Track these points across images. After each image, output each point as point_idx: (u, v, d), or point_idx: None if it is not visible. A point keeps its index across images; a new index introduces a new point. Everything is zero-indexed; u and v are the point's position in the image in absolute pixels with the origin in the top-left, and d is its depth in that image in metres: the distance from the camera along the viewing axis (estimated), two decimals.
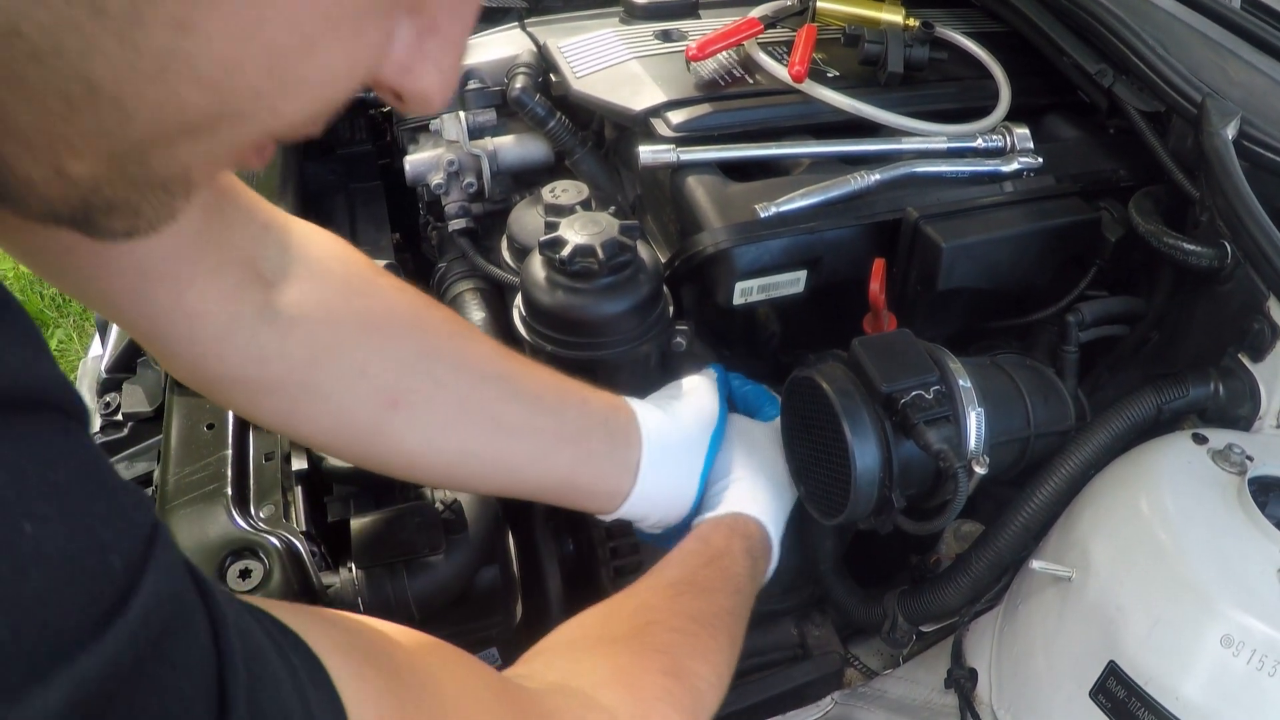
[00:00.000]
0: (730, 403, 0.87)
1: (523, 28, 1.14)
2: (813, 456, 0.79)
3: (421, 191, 1.08)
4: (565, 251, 0.82)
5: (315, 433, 0.70)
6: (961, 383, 0.77)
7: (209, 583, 0.32)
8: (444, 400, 0.70)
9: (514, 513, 0.92)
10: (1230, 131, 0.87)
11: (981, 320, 0.94)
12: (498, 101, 1.09)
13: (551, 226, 0.85)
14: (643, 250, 0.86)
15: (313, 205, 1.11)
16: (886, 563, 1.01)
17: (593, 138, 1.07)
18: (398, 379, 0.68)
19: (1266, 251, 0.79)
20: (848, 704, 0.91)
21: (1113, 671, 0.68)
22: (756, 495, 0.80)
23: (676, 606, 0.70)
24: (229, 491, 0.81)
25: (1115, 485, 0.76)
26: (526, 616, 0.90)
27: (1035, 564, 0.74)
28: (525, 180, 1.08)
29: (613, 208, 0.88)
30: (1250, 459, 0.74)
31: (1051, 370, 0.86)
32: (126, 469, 1.00)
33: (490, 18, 1.16)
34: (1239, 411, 0.81)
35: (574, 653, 0.64)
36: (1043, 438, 0.82)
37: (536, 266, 0.86)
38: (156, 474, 0.87)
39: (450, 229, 1.05)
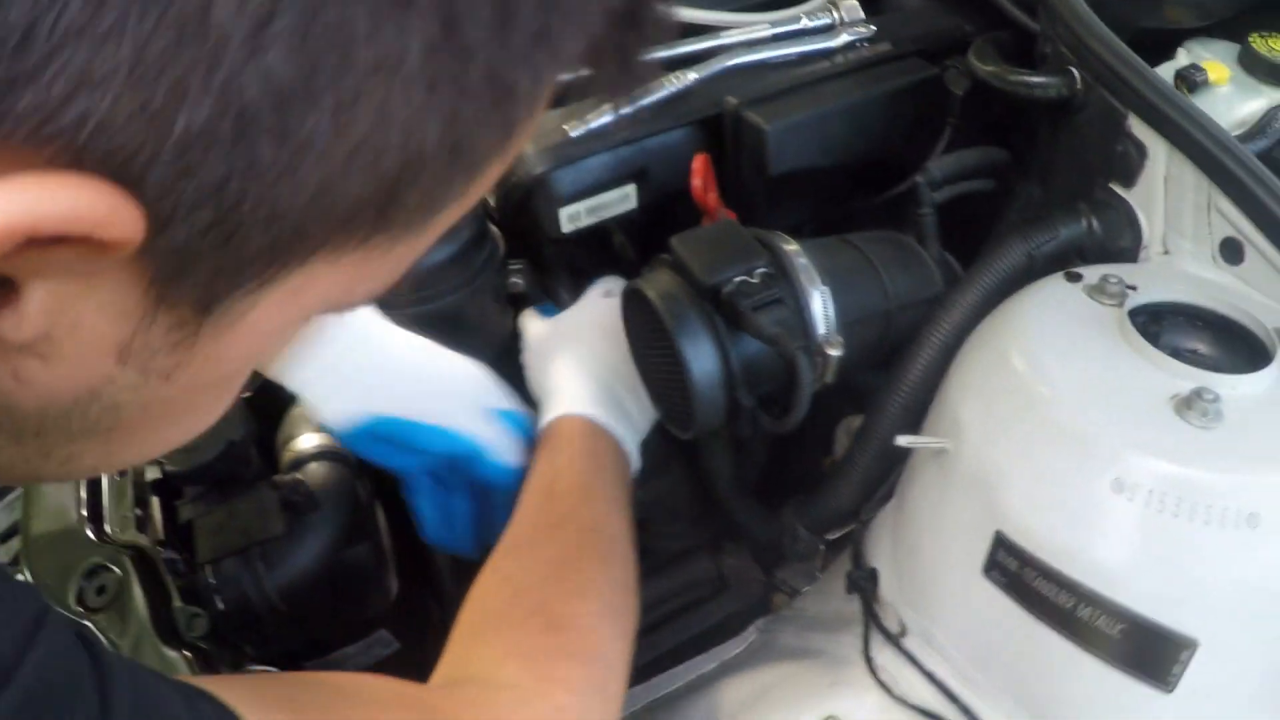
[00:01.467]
0: None
1: None
2: (660, 372, 0.66)
3: None
4: None
5: None
6: (799, 261, 0.63)
7: (99, 647, 0.31)
8: None
9: (387, 487, 0.79)
10: None
11: (836, 204, 0.80)
12: None
13: None
14: None
15: None
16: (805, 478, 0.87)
17: None
18: None
19: (1114, 67, 0.65)
20: (770, 630, 0.77)
21: (1000, 542, 0.54)
22: (564, 389, 0.67)
23: (530, 562, 0.60)
24: (83, 513, 0.73)
25: (982, 341, 0.62)
26: (418, 588, 0.78)
27: (901, 440, 0.59)
28: None
29: None
30: (1133, 289, 0.60)
31: (912, 239, 0.71)
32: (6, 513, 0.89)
33: None
34: (1120, 244, 0.67)
35: (467, 641, 0.56)
36: (907, 309, 0.68)
37: None
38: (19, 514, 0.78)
39: None
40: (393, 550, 0.77)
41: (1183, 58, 0.74)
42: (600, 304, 0.72)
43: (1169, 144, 0.62)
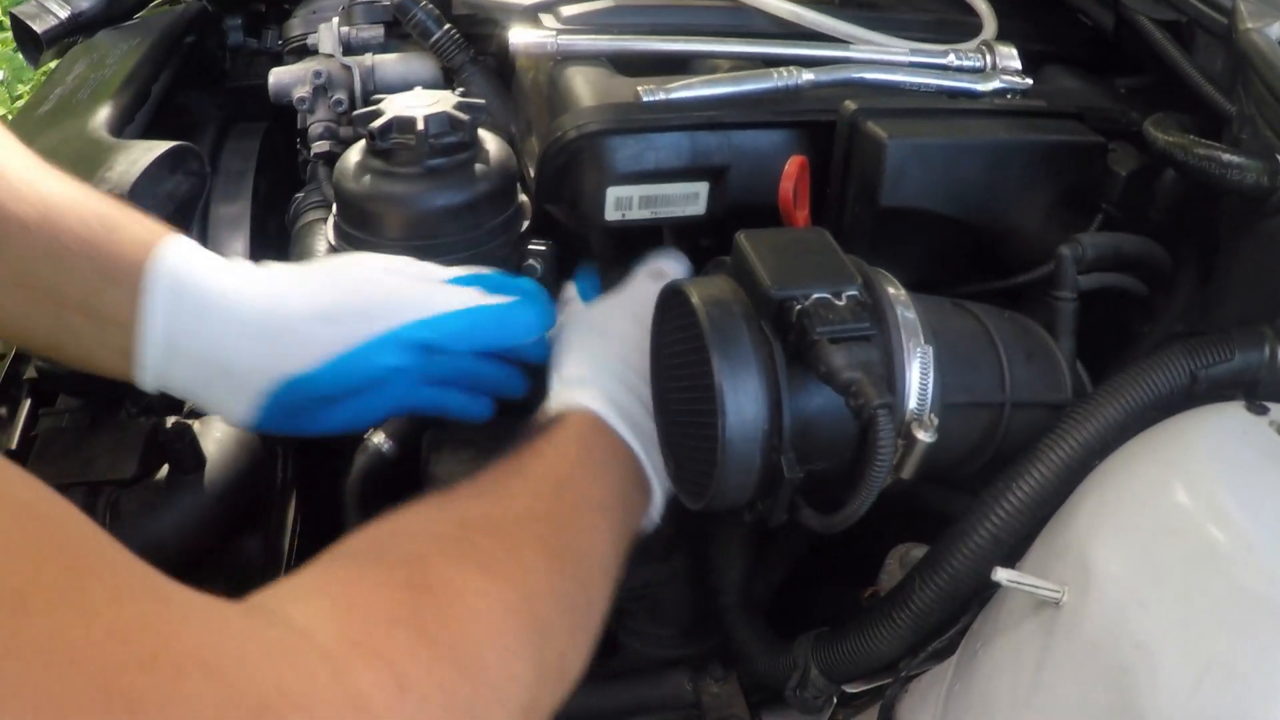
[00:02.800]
0: None
1: None
2: (682, 408, 0.50)
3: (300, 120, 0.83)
4: (378, 123, 0.56)
5: None
6: (902, 312, 0.48)
7: None
8: None
9: (316, 472, 0.64)
10: (1274, 31, 0.59)
11: (948, 271, 0.65)
12: (388, 18, 0.84)
13: (375, 102, 0.59)
14: (489, 140, 0.59)
15: (179, 131, 0.88)
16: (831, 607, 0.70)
17: (493, 61, 0.82)
18: None
19: None
20: None
21: None
22: (584, 383, 0.52)
23: (445, 514, 0.44)
24: None
25: (1132, 466, 0.45)
26: None
27: (1002, 575, 0.42)
28: None
29: (459, 91, 0.61)
30: None
31: (1041, 328, 0.56)
32: None
33: None
34: None
35: (301, 573, 0.39)
36: (1024, 410, 0.52)
37: (352, 151, 0.60)
38: None
39: (313, 153, 0.79)
40: (291, 558, 0.61)
41: None
42: (648, 290, 0.57)
43: None
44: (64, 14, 1.15)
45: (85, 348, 0.51)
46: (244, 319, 0.51)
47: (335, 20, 0.81)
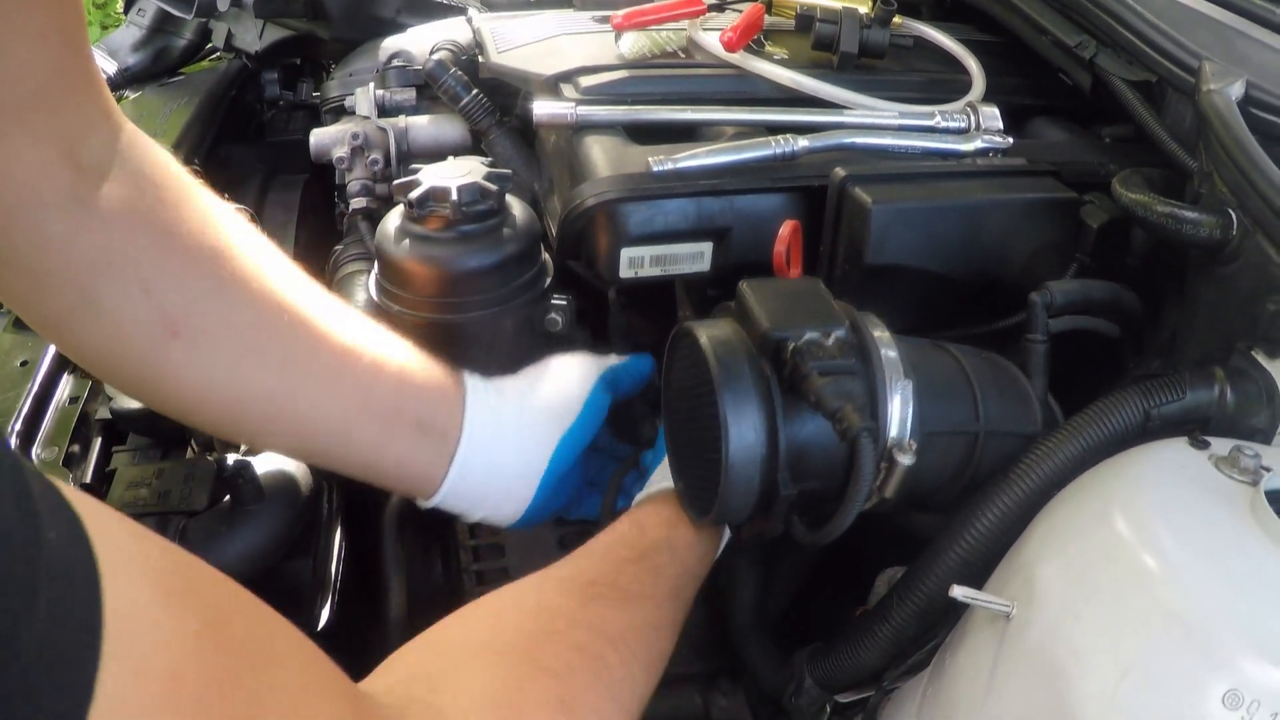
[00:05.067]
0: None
1: (468, 20, 1.00)
2: (691, 435, 0.59)
3: (338, 176, 0.94)
4: (415, 193, 0.66)
5: (89, 349, 0.59)
6: (885, 349, 0.57)
7: None
8: (231, 334, 0.58)
9: (358, 504, 0.73)
10: (1234, 92, 0.67)
11: (934, 321, 0.73)
12: (420, 82, 0.95)
13: (414, 171, 0.69)
14: (515, 206, 0.69)
15: (222, 186, 0.98)
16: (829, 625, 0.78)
17: (517, 122, 0.92)
18: (184, 304, 0.57)
19: None
20: None
21: None
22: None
23: (586, 615, 0.53)
24: (17, 427, 0.72)
25: (1078, 496, 0.53)
26: (362, 623, 0.71)
27: (958, 591, 0.51)
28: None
29: (487, 160, 0.71)
30: (1266, 469, 0.51)
31: (1014, 367, 0.64)
32: None
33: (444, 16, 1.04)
34: (1253, 421, 0.59)
35: (449, 661, 0.49)
36: (996, 439, 0.60)
37: (392, 215, 0.69)
38: None
39: (351, 208, 0.89)
40: (337, 581, 0.70)
41: None
42: None
43: None
44: (111, 69, 1.27)
45: (396, 459, 0.61)
46: (515, 461, 0.63)
47: (371, 85, 0.91)
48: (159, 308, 0.57)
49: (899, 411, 0.54)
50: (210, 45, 1.28)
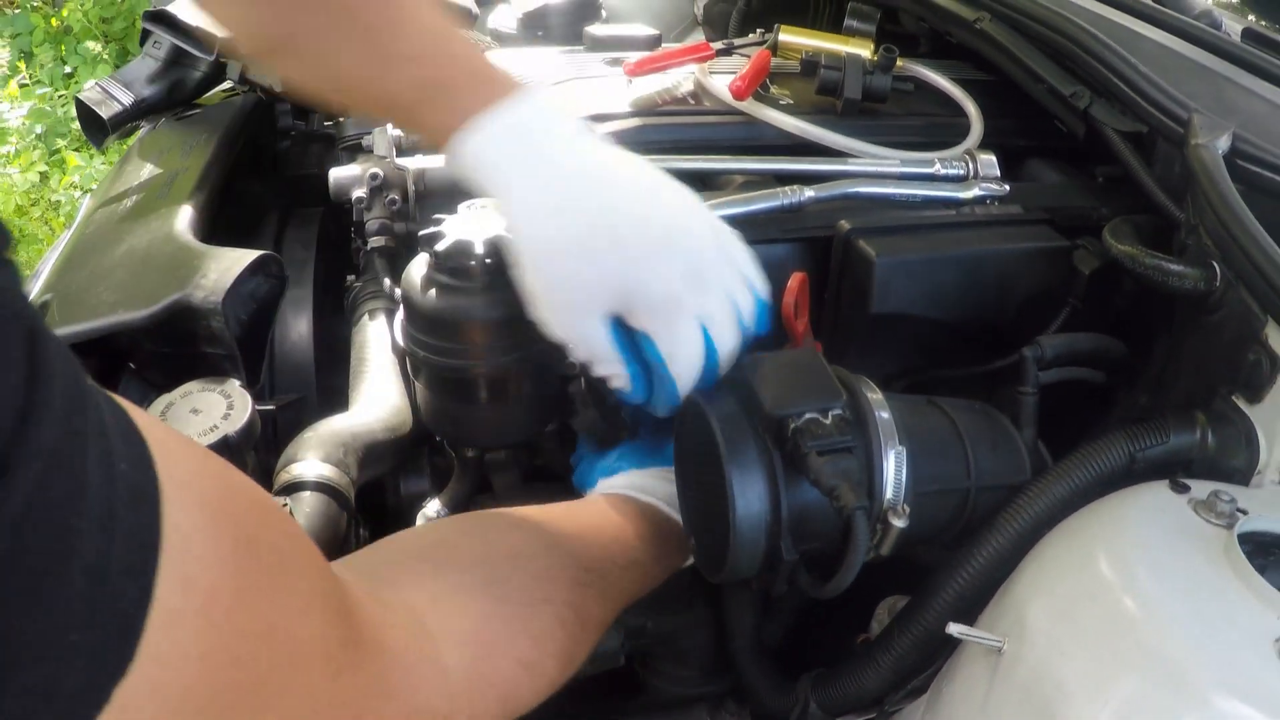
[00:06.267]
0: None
1: None
2: (702, 501, 0.64)
3: (356, 214, 0.98)
4: (441, 246, 0.70)
5: None
6: (879, 414, 0.62)
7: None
8: None
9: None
10: (1221, 145, 0.72)
11: (933, 363, 0.78)
12: None
13: (437, 222, 0.74)
14: None
15: (241, 221, 1.03)
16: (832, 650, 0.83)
17: None
18: None
19: (1263, 267, 0.63)
20: None
21: None
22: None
23: (574, 598, 0.59)
24: None
25: (1066, 538, 0.58)
26: None
27: (954, 629, 0.56)
28: (458, 204, 0.97)
29: None
30: (1243, 512, 0.56)
31: (1007, 418, 0.69)
32: None
33: None
34: (1233, 463, 0.64)
35: (447, 577, 0.53)
36: (988, 491, 0.65)
37: (417, 264, 0.74)
38: None
39: (369, 246, 0.94)
40: None
41: None
42: None
43: None
44: (127, 100, 1.30)
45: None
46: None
47: (388, 124, 0.96)
48: None
49: (893, 476, 0.59)
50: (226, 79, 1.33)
